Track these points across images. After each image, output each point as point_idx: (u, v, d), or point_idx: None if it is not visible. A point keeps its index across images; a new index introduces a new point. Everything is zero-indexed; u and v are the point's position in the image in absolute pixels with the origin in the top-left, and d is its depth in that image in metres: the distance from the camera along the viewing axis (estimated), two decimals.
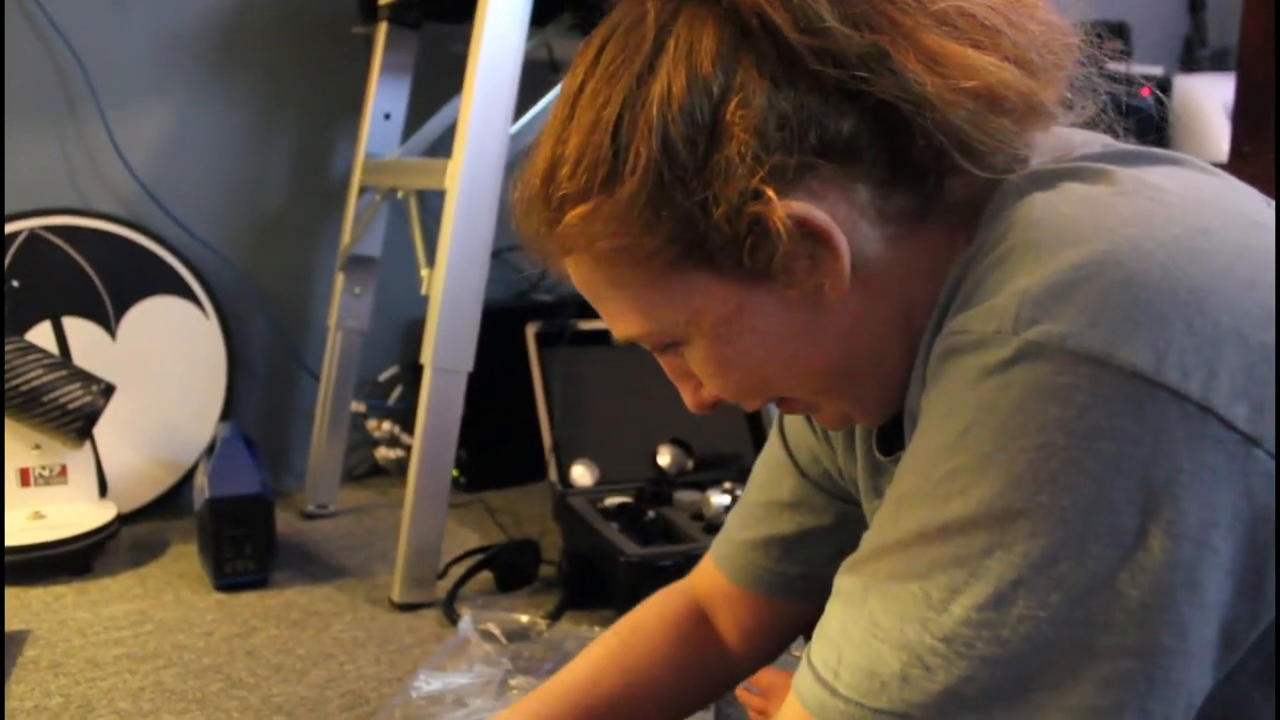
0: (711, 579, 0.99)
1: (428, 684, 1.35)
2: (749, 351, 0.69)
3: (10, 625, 1.55)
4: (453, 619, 1.54)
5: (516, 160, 0.99)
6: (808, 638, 1.00)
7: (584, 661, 0.98)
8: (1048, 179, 0.64)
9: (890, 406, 0.75)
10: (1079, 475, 0.55)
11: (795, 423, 0.93)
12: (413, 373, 2.19)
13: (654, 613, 1.00)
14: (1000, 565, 0.57)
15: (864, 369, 0.72)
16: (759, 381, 0.72)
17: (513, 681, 1.33)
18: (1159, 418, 0.54)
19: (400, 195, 1.86)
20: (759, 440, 2.06)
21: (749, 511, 0.96)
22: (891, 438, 0.79)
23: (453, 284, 1.57)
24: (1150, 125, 0.78)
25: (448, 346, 1.57)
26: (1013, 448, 0.57)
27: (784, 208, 0.62)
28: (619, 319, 0.71)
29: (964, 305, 0.62)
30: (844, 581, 0.66)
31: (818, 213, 0.63)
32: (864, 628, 0.62)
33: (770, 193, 0.62)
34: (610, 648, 0.98)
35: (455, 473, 1.99)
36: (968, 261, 0.64)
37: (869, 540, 0.65)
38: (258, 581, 1.69)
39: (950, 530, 0.59)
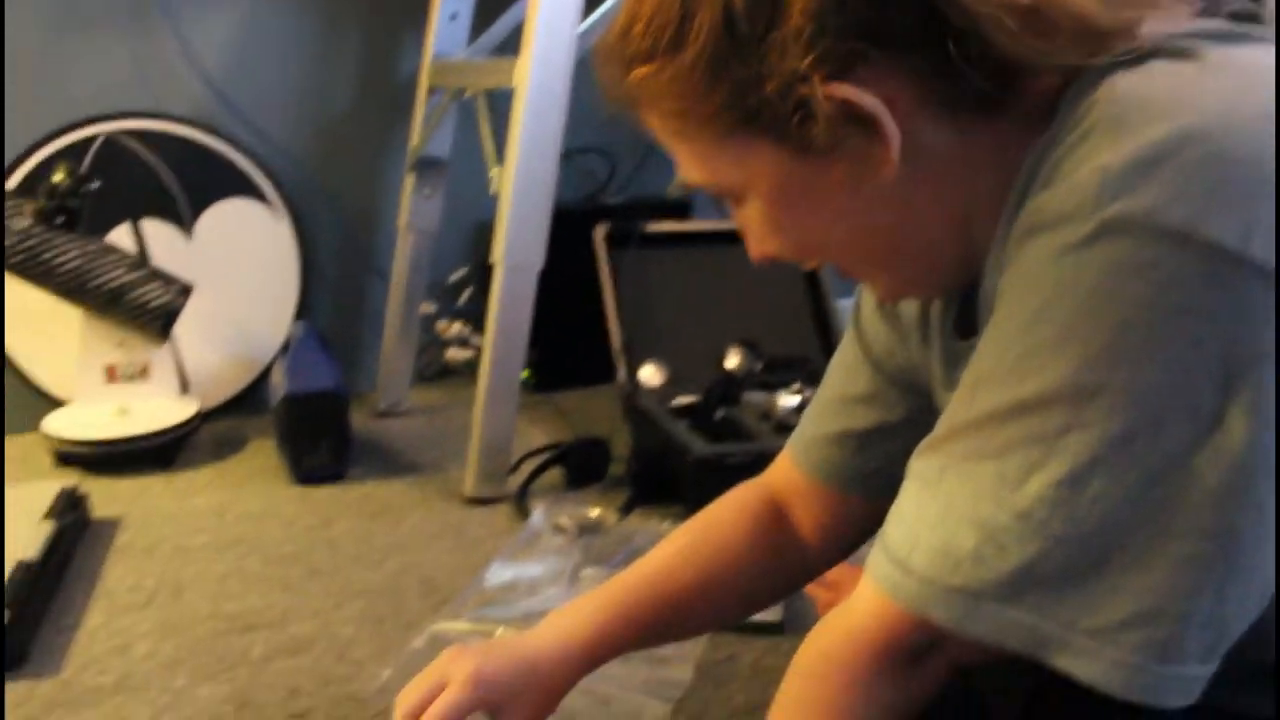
0: (787, 474, 0.99)
1: (500, 574, 1.39)
2: (799, 220, 0.71)
3: (102, 513, 1.61)
4: (524, 513, 1.57)
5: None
6: None
7: (660, 553, 0.99)
8: (1132, 59, 0.62)
9: (944, 287, 0.75)
10: (1158, 353, 0.55)
11: (870, 317, 0.92)
12: (482, 274, 2.21)
13: (730, 507, 1.01)
14: (1077, 443, 0.57)
15: (914, 252, 0.72)
16: (809, 248, 0.74)
17: (583, 572, 1.36)
18: (1243, 295, 0.53)
19: (468, 95, 1.85)
20: (828, 343, 2.06)
21: (824, 406, 0.97)
22: (968, 324, 0.78)
23: (522, 180, 1.57)
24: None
25: (518, 243, 1.58)
26: (1091, 325, 0.56)
27: (831, 91, 0.62)
28: (684, 168, 0.73)
29: (1044, 185, 0.61)
30: (919, 464, 0.66)
31: (866, 98, 0.62)
32: (939, 507, 0.62)
33: (818, 77, 0.62)
34: (686, 540, 0.99)
35: (525, 374, 2.01)
36: (1048, 143, 0.63)
37: (944, 422, 0.65)
38: (334, 475, 1.74)
39: (1027, 408, 0.59)
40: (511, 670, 0.89)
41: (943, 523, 0.62)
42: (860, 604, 0.68)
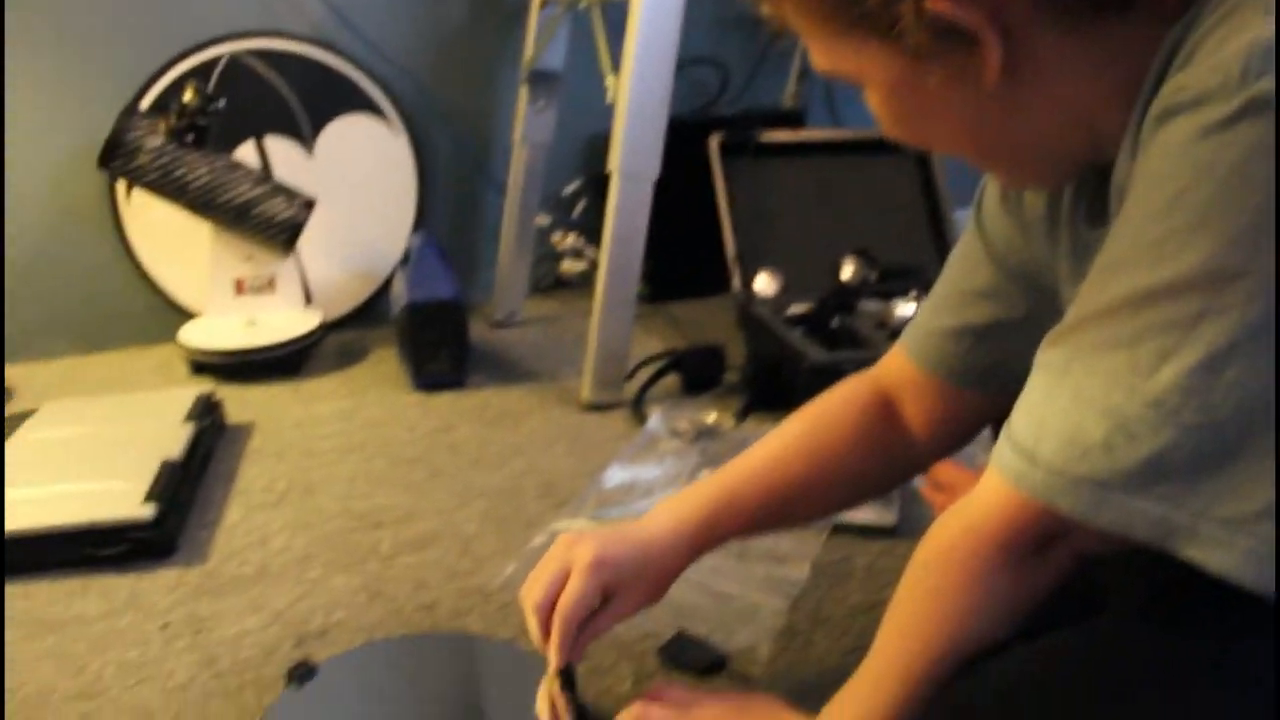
0: (900, 367, 0.99)
1: (618, 476, 1.41)
2: (911, 116, 0.71)
3: (235, 419, 1.67)
4: (641, 418, 1.59)
5: None
6: (995, 432, 1.00)
7: (769, 442, 1.00)
8: None
9: (1066, 179, 0.74)
10: None
11: (993, 212, 0.90)
12: (596, 186, 2.22)
13: (840, 398, 1.01)
14: (1213, 329, 0.55)
15: (1030, 149, 0.71)
16: (924, 142, 0.74)
17: (700, 474, 1.38)
18: None
19: (582, 6, 1.84)
20: (943, 252, 2.02)
21: (942, 300, 0.95)
22: (1099, 214, 0.76)
23: (638, 89, 1.56)
24: None
25: (634, 153, 1.58)
26: (1232, 208, 0.54)
27: (930, 6, 0.61)
28: (814, 55, 0.73)
29: (1183, 65, 0.59)
30: (1047, 354, 0.65)
31: (965, 14, 0.61)
32: (1067, 396, 0.62)
33: None
34: (795, 429, 1.00)
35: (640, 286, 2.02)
36: (1188, 25, 0.60)
37: (1074, 310, 0.64)
38: (454, 382, 1.78)
39: (1162, 294, 0.57)
40: (627, 555, 0.91)
41: (1071, 412, 0.61)
42: (984, 495, 0.68)
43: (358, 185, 2.12)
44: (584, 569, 0.89)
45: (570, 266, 2.26)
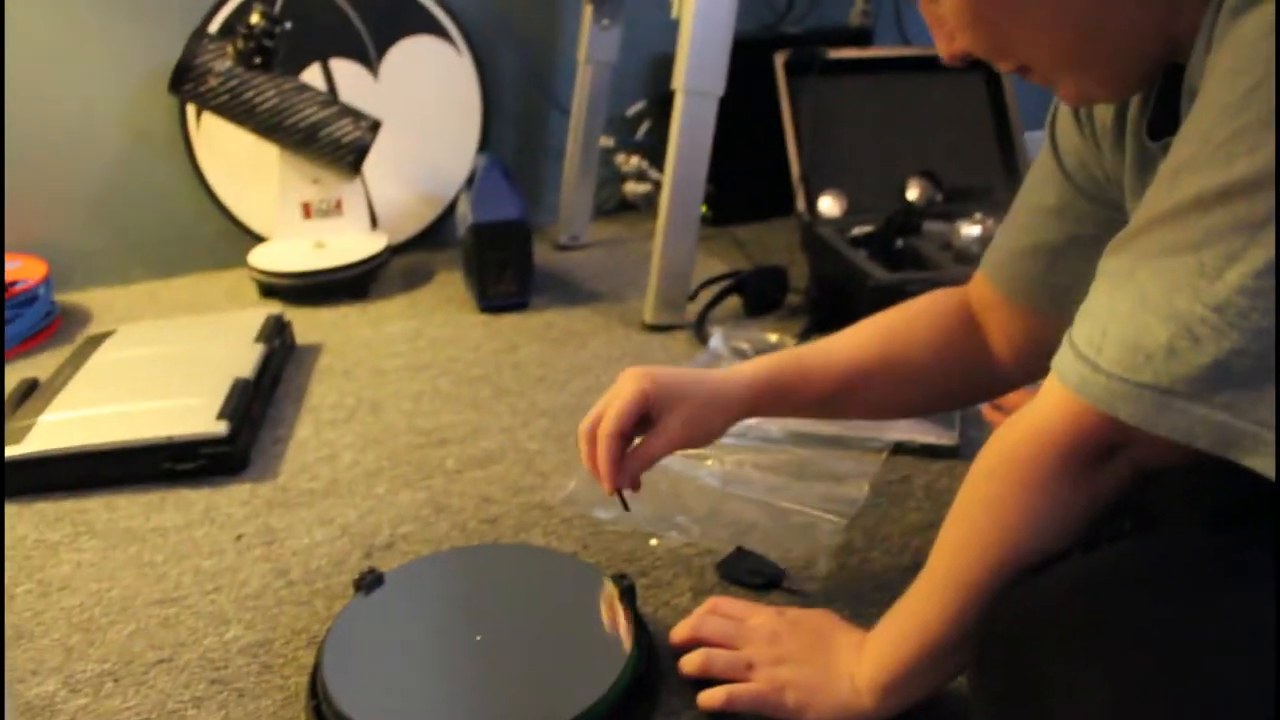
0: (981, 290, 0.98)
1: None
2: (997, 11, 0.69)
3: (304, 339, 1.71)
4: (703, 339, 1.59)
5: None
6: None
7: (849, 331, 1.01)
8: None
9: (1137, 85, 0.72)
10: None
11: (1065, 127, 0.89)
12: (660, 106, 2.20)
13: (925, 304, 1.01)
14: None
15: (1109, 47, 0.69)
16: (1005, 42, 0.71)
17: None
18: None
19: None
20: (1013, 175, 1.98)
21: (1017, 220, 0.94)
22: (1163, 126, 0.74)
23: (704, 4, 1.54)
24: None
25: (699, 69, 1.56)
26: None
27: None
28: None
29: None
30: (1110, 261, 0.64)
31: None
32: (1131, 301, 0.61)
33: None
34: (878, 323, 1.00)
35: (703, 209, 2.01)
36: None
37: (1139, 215, 0.63)
38: (518, 304, 1.79)
39: (1232, 193, 0.56)
40: (679, 379, 0.94)
41: (1134, 317, 0.60)
42: (1046, 403, 0.68)
43: (422, 107, 2.12)
44: (627, 380, 0.93)
45: (634, 188, 2.25)
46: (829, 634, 0.88)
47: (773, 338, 1.55)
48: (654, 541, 1.10)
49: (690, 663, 0.89)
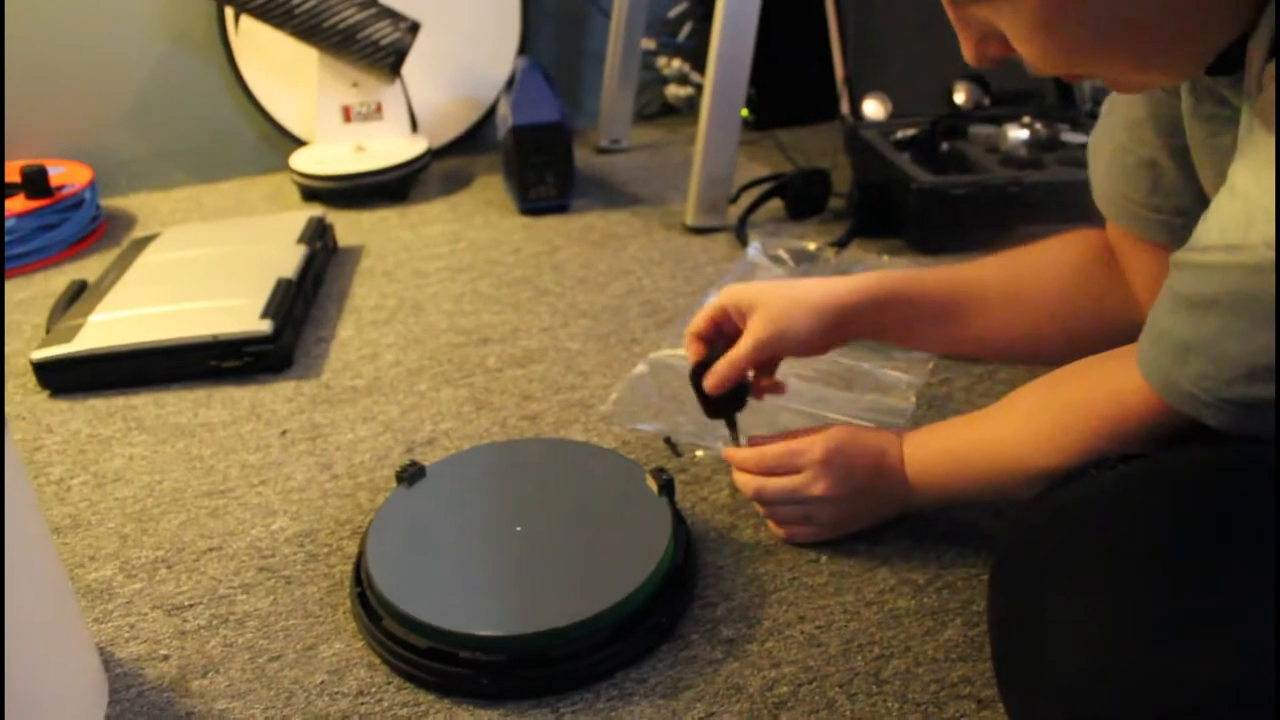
0: (1114, 232, 0.93)
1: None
2: (1081, 25, 0.63)
3: (345, 241, 1.71)
4: (743, 242, 1.59)
5: None
6: None
7: (972, 263, 0.98)
8: None
9: (1200, 70, 0.67)
10: None
11: None
12: (702, 7, 2.16)
13: (1061, 241, 0.96)
14: None
15: (1179, 45, 0.65)
16: (1074, 48, 0.65)
17: None
18: None
19: None
20: (1060, 80, 1.93)
21: (1108, 143, 0.88)
22: (1224, 64, 0.70)
23: None
24: None
25: None
26: None
27: None
28: None
29: None
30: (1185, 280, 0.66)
31: None
32: (1209, 335, 0.64)
33: None
34: (1004, 254, 0.97)
35: (745, 112, 1.98)
36: None
37: (1208, 228, 0.63)
38: (559, 207, 1.79)
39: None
40: (772, 286, 0.95)
41: (1214, 352, 0.63)
42: (1136, 382, 0.71)
43: (461, 9, 2.09)
44: (723, 293, 0.96)
45: (676, 92, 2.22)
46: (875, 462, 0.91)
47: (811, 246, 1.54)
48: (699, 453, 1.10)
49: (747, 484, 0.94)
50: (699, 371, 0.98)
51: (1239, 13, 0.61)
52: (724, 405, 0.99)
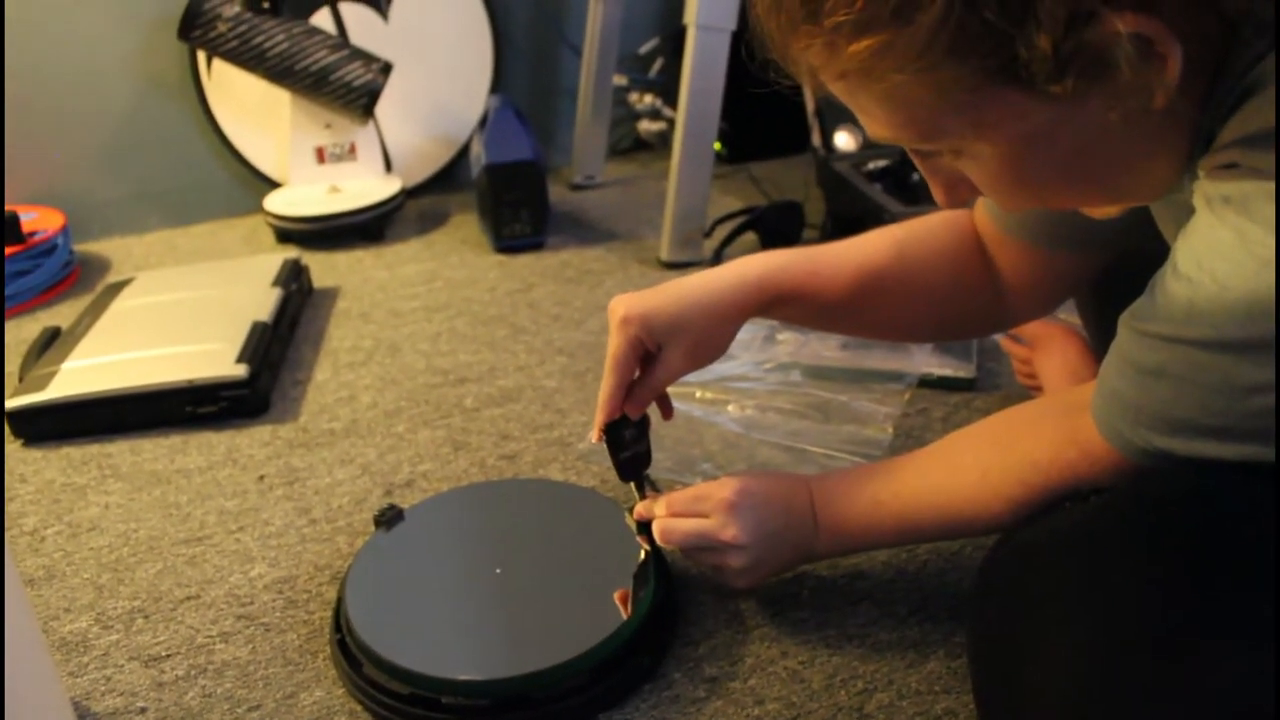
0: (983, 223, 0.96)
1: None
2: (1044, 167, 0.64)
3: (321, 283, 1.71)
4: None
5: None
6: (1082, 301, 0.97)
7: (862, 240, 0.97)
8: None
9: (1166, 191, 0.69)
10: None
11: None
12: (673, 43, 2.18)
13: (941, 221, 0.97)
14: None
15: (1139, 169, 0.66)
16: (1042, 193, 0.67)
17: (780, 336, 1.38)
18: None
19: None
20: None
21: None
22: None
23: None
24: None
25: (711, 3, 1.53)
26: None
27: (1128, 25, 0.54)
28: (883, 127, 0.65)
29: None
30: (1132, 343, 0.67)
31: (1157, 24, 0.55)
32: (1162, 402, 0.66)
33: (1111, 14, 0.54)
34: (893, 235, 0.96)
35: (717, 146, 1.99)
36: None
37: (1151, 300, 0.65)
38: (534, 244, 1.79)
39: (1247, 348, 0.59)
40: (665, 306, 0.89)
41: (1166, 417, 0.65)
42: (1093, 446, 0.72)
43: (434, 49, 2.11)
44: (612, 330, 0.90)
45: (648, 127, 2.24)
46: (784, 507, 0.88)
47: None
48: (678, 489, 1.09)
49: (655, 527, 0.90)
50: (614, 431, 0.93)
51: (1194, 130, 0.63)
52: (635, 465, 0.96)
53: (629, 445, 0.94)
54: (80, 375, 1.31)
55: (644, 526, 0.92)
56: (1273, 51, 0.57)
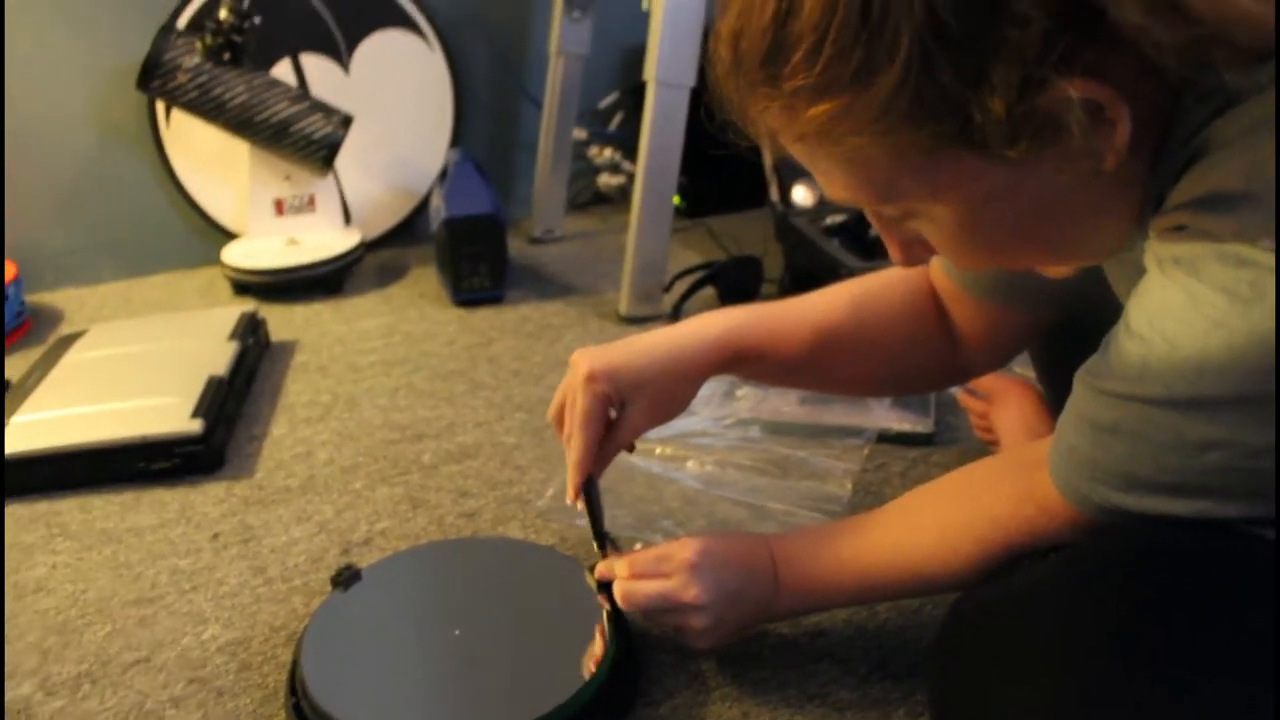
0: (939, 279, 0.98)
1: None
2: (999, 228, 0.66)
3: (279, 336, 1.70)
4: None
5: None
6: (1036, 355, 0.98)
7: (820, 296, 0.98)
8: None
9: (1120, 250, 0.70)
10: None
11: None
12: (633, 98, 2.20)
13: (896, 277, 0.98)
14: None
15: (1096, 239, 0.69)
16: (997, 254, 0.69)
17: (739, 392, 1.38)
18: None
19: None
20: None
21: None
22: None
23: None
24: None
25: (671, 60, 1.56)
26: None
27: (1079, 90, 0.56)
28: (841, 188, 0.66)
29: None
30: (1088, 401, 0.68)
31: (1107, 90, 0.57)
32: (1118, 458, 0.66)
33: (1063, 80, 0.55)
34: (851, 288, 0.98)
35: (677, 200, 2.01)
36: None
37: (1109, 355, 0.66)
38: (493, 298, 1.79)
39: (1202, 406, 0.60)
40: (630, 362, 0.91)
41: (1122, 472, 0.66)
42: (1053, 495, 0.72)
43: (394, 102, 2.11)
44: (578, 387, 0.91)
45: (608, 181, 2.25)
46: (745, 567, 0.87)
47: None
48: (638, 546, 1.09)
49: (616, 589, 0.89)
50: (588, 491, 0.94)
51: (1145, 191, 0.64)
52: (600, 523, 0.95)
53: (598, 503, 0.94)
54: (30, 430, 1.29)
55: (604, 585, 0.91)
56: (1216, 120, 0.58)
